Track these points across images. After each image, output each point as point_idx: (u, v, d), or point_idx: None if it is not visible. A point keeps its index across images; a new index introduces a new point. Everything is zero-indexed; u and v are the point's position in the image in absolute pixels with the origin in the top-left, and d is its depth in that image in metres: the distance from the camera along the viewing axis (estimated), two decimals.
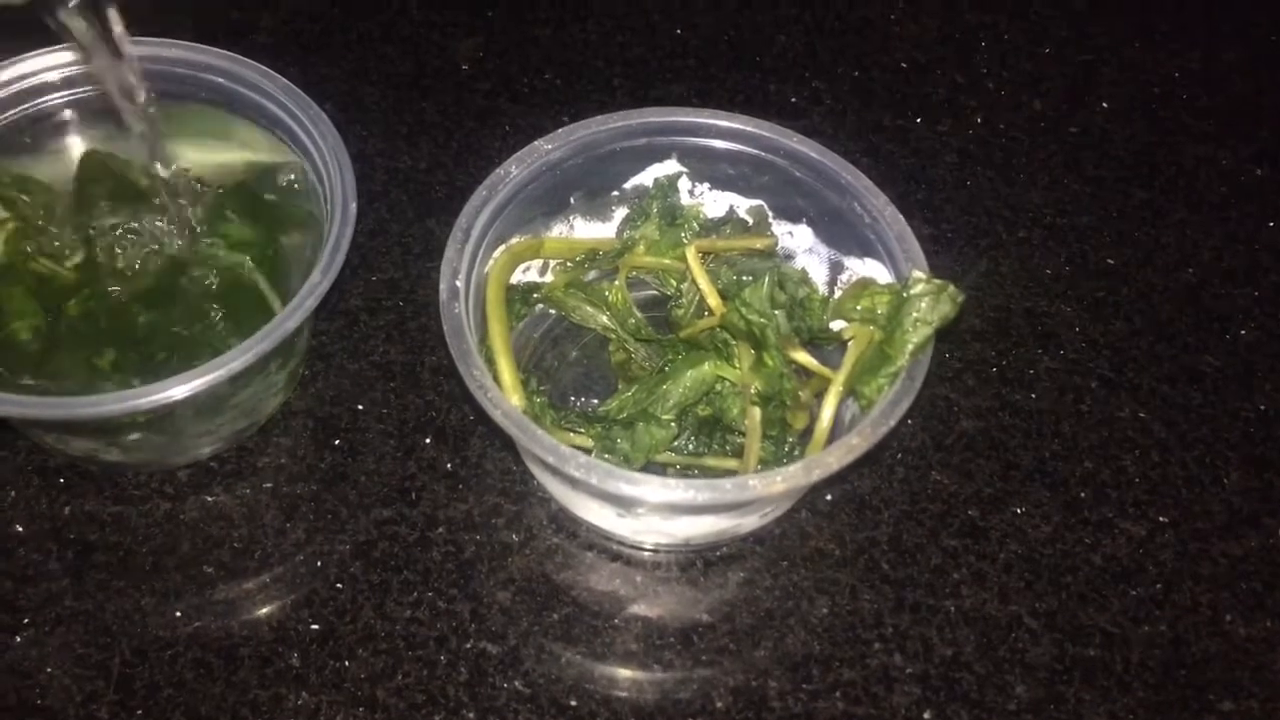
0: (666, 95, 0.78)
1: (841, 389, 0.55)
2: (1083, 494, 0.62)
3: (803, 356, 0.57)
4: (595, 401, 0.61)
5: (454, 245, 0.55)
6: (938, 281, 0.53)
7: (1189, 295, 0.71)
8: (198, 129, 0.62)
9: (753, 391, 0.56)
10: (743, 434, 0.58)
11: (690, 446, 0.59)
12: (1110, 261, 0.72)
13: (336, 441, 0.62)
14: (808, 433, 0.57)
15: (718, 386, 0.58)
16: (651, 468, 0.58)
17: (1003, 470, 0.63)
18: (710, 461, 0.58)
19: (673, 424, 0.57)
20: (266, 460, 0.61)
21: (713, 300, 0.58)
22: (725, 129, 0.61)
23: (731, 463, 0.58)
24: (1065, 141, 0.78)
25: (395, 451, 0.61)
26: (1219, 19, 0.86)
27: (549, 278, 0.63)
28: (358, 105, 0.77)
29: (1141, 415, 0.65)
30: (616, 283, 0.62)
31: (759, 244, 0.61)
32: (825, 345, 0.59)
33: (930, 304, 0.53)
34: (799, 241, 0.63)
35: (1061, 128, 0.79)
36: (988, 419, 0.65)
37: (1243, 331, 0.69)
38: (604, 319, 0.62)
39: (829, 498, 0.61)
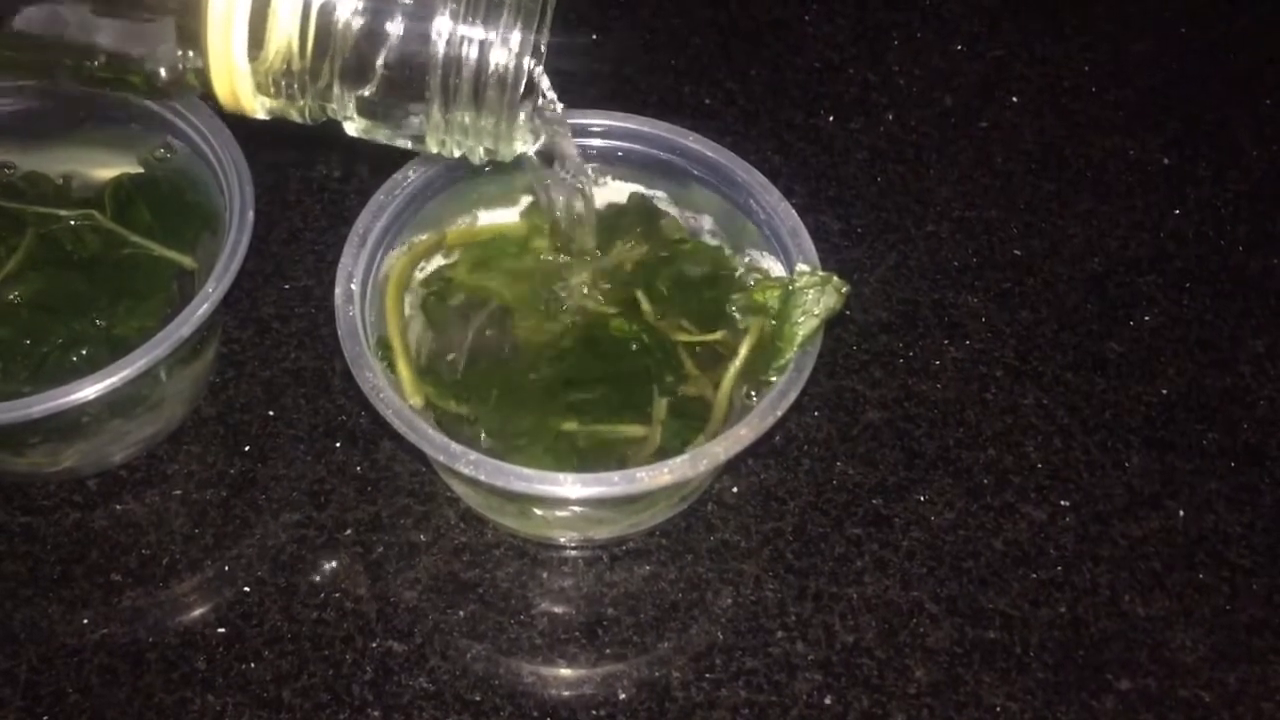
0: (581, 99, 0.78)
1: (735, 379, 0.56)
2: (985, 480, 0.63)
3: (699, 337, 0.58)
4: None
5: (350, 250, 0.56)
6: (822, 274, 0.54)
7: (1094, 283, 0.72)
8: (92, 141, 0.63)
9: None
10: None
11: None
12: (1017, 252, 0.73)
13: (247, 448, 0.62)
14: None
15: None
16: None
17: (907, 459, 0.64)
18: (619, 427, 0.58)
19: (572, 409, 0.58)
20: (176, 468, 0.61)
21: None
22: (624, 130, 0.62)
23: (638, 429, 0.58)
24: (975, 136, 0.79)
25: (305, 456, 0.62)
26: (1128, 13, 0.88)
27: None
28: None
29: (1045, 402, 0.66)
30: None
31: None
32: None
33: (815, 296, 0.54)
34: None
35: (971, 123, 0.80)
36: (893, 409, 0.66)
37: (1146, 318, 0.70)
38: (513, 285, 0.62)
39: (735, 490, 0.62)
